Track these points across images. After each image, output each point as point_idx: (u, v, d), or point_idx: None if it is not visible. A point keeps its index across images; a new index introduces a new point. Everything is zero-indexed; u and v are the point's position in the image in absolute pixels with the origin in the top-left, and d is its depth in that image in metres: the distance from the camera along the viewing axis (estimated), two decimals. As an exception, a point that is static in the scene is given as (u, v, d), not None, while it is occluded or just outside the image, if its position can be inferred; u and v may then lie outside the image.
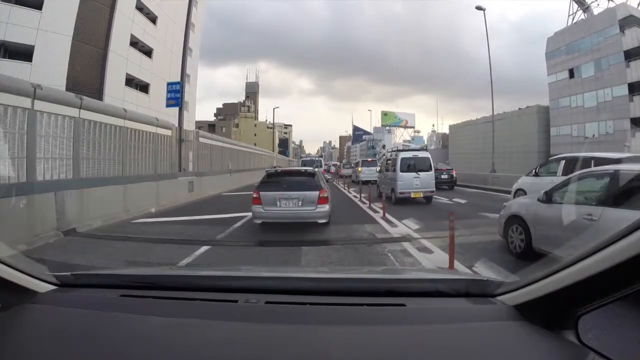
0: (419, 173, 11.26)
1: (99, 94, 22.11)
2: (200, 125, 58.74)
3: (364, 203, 11.98)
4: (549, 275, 0.88)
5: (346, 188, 17.24)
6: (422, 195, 11.33)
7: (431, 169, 11.57)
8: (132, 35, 25.30)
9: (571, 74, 38.34)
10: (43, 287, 1.13)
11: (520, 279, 1.04)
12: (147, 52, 27.45)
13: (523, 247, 5.03)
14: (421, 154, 12.18)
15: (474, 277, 1.71)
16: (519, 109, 42.90)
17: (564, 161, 9.28)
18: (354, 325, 0.95)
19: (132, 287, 1.22)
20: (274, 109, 49.31)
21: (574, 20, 40.71)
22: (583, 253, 0.77)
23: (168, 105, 13.72)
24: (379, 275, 1.67)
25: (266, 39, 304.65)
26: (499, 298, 1.06)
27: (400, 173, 11.28)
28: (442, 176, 17.19)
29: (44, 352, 0.85)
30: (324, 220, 7.00)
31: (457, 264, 4.54)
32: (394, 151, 13.34)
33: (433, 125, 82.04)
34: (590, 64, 36.59)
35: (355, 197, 13.95)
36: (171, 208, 10.66)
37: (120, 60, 23.91)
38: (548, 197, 4.81)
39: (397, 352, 0.84)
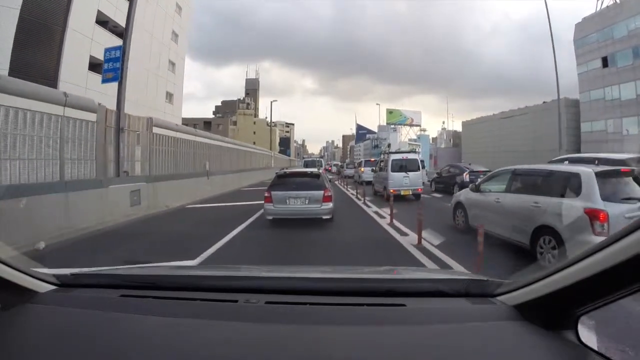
0: (408, 173, 12.24)
1: (53, 78, 18.28)
2: (195, 122, 55.01)
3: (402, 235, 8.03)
4: (549, 275, 0.87)
5: (360, 198, 12.98)
6: (410, 193, 12.22)
7: (419, 169, 12.70)
8: (99, 12, 21.43)
9: (604, 62, 34.10)
10: (43, 287, 1.11)
11: (520, 279, 1.02)
12: (120, 33, 23.43)
13: (464, 225, 6.81)
14: (410, 156, 13.09)
15: (473, 277, 1.39)
16: (544, 102, 38.65)
17: (567, 162, 10.06)
18: (354, 325, 0.95)
19: (132, 287, 1.20)
20: (271, 102, 44.44)
21: (602, 4, 36.48)
22: (583, 253, 0.77)
23: (104, 80, 9.84)
24: (379, 275, 1.58)
25: (270, 39, 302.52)
26: (499, 298, 1.05)
27: (392, 173, 12.27)
28: (480, 180, 13.79)
29: (44, 352, 0.85)
30: (328, 216, 7.68)
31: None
32: (386, 153, 14.46)
33: (443, 123, 77.38)
34: (627, 51, 32.36)
35: (375, 212, 9.92)
36: (83, 237, 6.67)
37: (83, 41, 20.03)
38: (477, 188, 6.60)
39: (397, 352, 0.83)
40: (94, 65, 21.87)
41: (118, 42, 23.38)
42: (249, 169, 23.30)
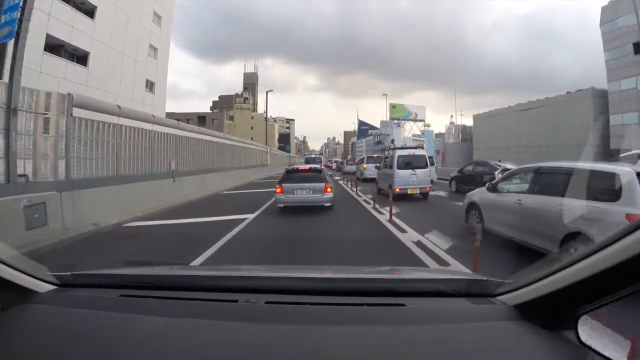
0: (415, 170, 11.47)
1: (-4, 60, 15.11)
2: (188, 117, 51.78)
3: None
4: (549, 275, 0.87)
5: (381, 210, 9.30)
6: (418, 192, 11.47)
7: (427, 166, 11.77)
8: (59, -17, 18.15)
9: (636, 48, 30.70)
10: (43, 287, 1.11)
11: (520, 279, 1.01)
12: (89, 11, 20.30)
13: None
14: (418, 152, 12.39)
15: (474, 277, 1.45)
16: (567, 92, 35.28)
17: None
18: (354, 325, 0.94)
19: (132, 287, 1.20)
20: (267, 92, 40.31)
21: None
22: (583, 253, 0.77)
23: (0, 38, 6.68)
24: (379, 275, 1.56)
25: (272, 35, 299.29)
26: (499, 298, 1.04)
27: (397, 170, 11.51)
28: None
29: (44, 352, 0.85)
30: (329, 204, 9.02)
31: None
32: (391, 149, 13.43)
33: (451, 117, 73.74)
34: (662, 34, 29.01)
35: (419, 244, 6.61)
36: None
37: (36, 16, 16.71)
38: (493, 188, 5.90)
39: (397, 352, 0.83)
40: (54, 47, 18.73)
41: (85, 20, 20.30)
42: (237, 167, 20.01)
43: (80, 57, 20.02)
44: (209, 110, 74.06)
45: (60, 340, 0.88)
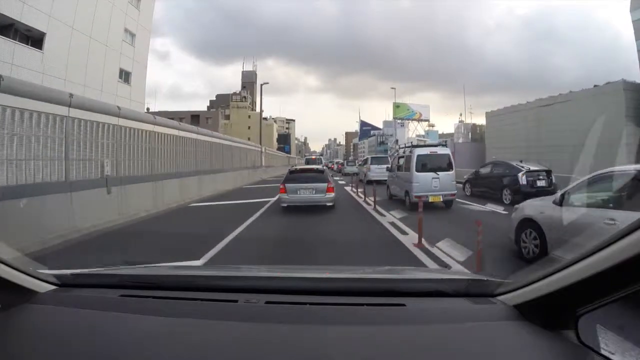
0: (438, 173, 9.63)
1: None
2: (181, 116, 48.69)
3: None
4: (549, 275, 0.87)
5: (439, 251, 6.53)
6: (441, 199, 9.52)
7: (452, 168, 9.90)
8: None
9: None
10: (43, 287, 1.10)
11: (521, 279, 1.00)
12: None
13: (537, 253, 4.79)
14: (440, 151, 10.37)
15: (474, 277, 1.41)
16: (595, 86, 31.96)
17: None
18: (354, 325, 0.94)
19: (132, 287, 1.20)
20: (261, 84, 36.14)
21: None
22: (583, 253, 0.77)
23: None
24: (379, 275, 1.56)
25: (274, 36, 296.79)
26: (499, 298, 1.04)
27: (416, 173, 9.69)
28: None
29: (44, 352, 0.84)
30: (331, 204, 9.33)
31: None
32: (408, 147, 11.67)
33: (460, 115, 71.09)
34: None
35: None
36: None
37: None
38: (565, 200, 4.60)
39: (397, 352, 0.83)
40: (4, 27, 15.61)
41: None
42: (219, 170, 16.65)
43: (36, 40, 16.89)
44: (205, 110, 70.97)
45: (60, 340, 0.87)
